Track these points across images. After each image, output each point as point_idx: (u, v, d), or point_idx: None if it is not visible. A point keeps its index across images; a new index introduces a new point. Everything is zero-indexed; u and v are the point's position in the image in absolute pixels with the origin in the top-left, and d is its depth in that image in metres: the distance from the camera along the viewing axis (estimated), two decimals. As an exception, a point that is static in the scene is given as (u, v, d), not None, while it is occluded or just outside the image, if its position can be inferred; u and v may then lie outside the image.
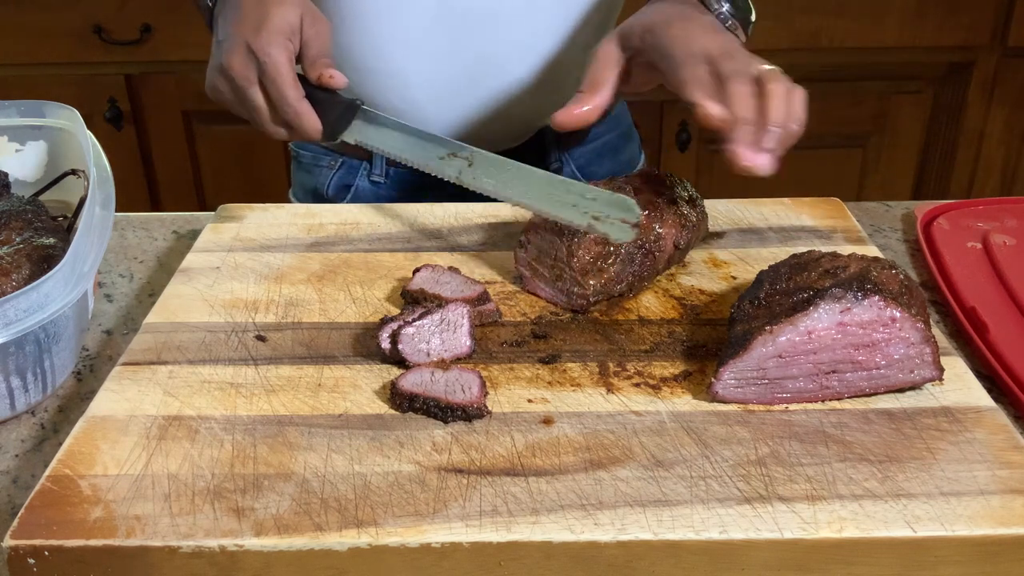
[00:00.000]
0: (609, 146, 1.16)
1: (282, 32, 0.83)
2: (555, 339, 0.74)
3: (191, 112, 2.07)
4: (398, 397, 0.65)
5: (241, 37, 0.83)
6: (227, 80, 0.85)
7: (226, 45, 0.84)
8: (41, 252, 0.75)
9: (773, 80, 0.72)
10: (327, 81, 0.84)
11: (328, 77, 0.84)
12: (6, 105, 0.88)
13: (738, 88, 0.71)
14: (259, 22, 0.83)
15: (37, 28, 1.97)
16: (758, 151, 0.70)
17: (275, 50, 0.82)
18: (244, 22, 0.83)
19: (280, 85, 0.82)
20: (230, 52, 0.83)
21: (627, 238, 0.74)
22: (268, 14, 0.83)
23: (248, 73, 0.83)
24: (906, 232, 0.96)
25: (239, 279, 0.81)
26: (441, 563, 0.56)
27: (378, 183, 1.10)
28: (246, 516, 0.56)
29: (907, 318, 0.64)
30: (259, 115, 0.86)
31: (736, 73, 0.72)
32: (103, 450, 0.62)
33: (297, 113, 0.84)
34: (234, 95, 0.86)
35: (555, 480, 0.59)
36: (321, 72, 0.84)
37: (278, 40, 0.82)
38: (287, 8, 0.84)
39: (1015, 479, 0.59)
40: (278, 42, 0.82)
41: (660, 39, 0.78)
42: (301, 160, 1.16)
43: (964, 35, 2.02)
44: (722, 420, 0.64)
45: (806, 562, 0.56)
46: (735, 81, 0.72)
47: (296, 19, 0.84)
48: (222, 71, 0.85)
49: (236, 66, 0.83)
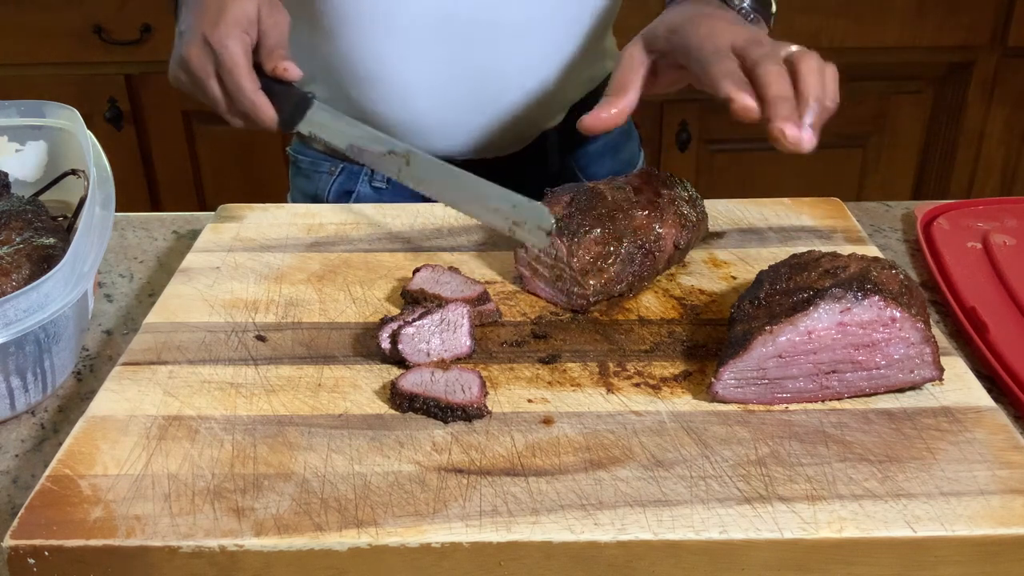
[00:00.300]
0: (610, 145, 1.16)
1: (239, 24, 0.84)
2: (555, 339, 0.74)
3: (191, 112, 2.07)
4: (398, 397, 0.65)
5: (199, 29, 0.84)
6: (186, 72, 0.86)
7: (186, 37, 0.85)
8: (41, 252, 0.75)
9: (805, 57, 0.72)
10: (281, 74, 0.84)
11: (283, 70, 0.84)
12: (6, 105, 0.88)
13: (769, 70, 0.71)
14: (217, 14, 0.84)
15: (37, 28, 1.97)
16: (800, 126, 0.70)
17: (231, 42, 0.83)
18: (204, 14, 0.84)
19: (236, 77, 0.83)
20: (189, 44, 0.84)
21: (542, 244, 0.76)
22: (226, 6, 0.84)
23: (206, 65, 0.84)
24: (906, 232, 0.96)
25: (239, 279, 0.81)
26: (441, 563, 0.56)
27: (380, 189, 1.10)
28: (246, 516, 0.56)
29: (907, 318, 0.64)
30: (218, 106, 0.87)
31: (765, 57, 0.72)
32: (103, 450, 0.62)
33: (253, 104, 0.84)
34: (194, 86, 0.87)
35: (555, 480, 0.59)
36: (276, 64, 0.84)
37: (234, 32, 0.83)
38: (245, 1, 0.85)
39: (1015, 479, 0.59)
40: (234, 34, 0.83)
41: (686, 38, 0.78)
42: (300, 165, 1.15)
43: (964, 35, 2.01)
44: (722, 420, 0.64)
45: (806, 562, 0.56)
46: (765, 65, 0.71)
47: (254, 11, 0.85)
48: (181, 63, 0.86)
49: (194, 59, 0.84)
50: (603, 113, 0.80)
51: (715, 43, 0.75)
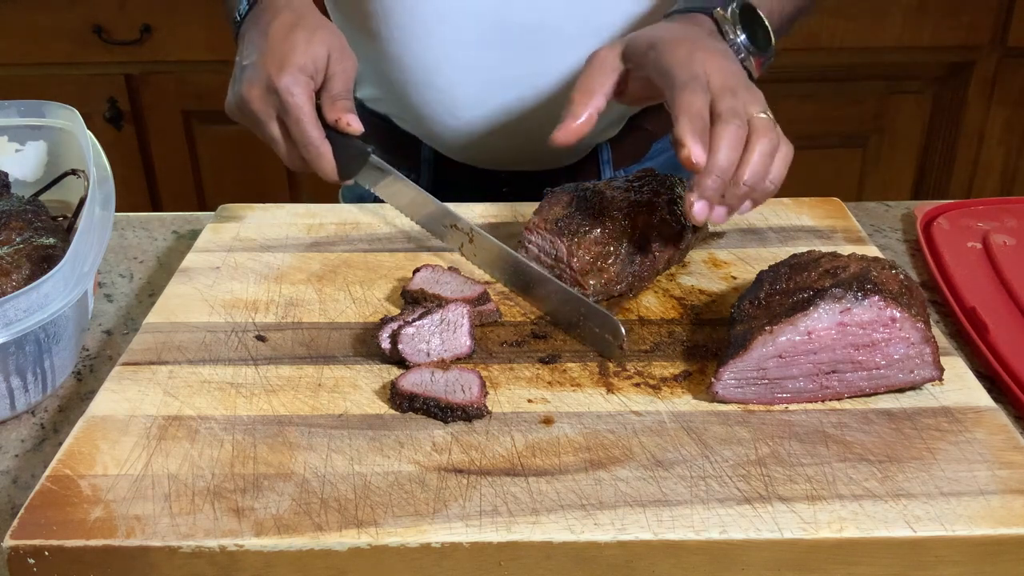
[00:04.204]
0: (669, 164, 1.11)
1: (305, 71, 0.82)
2: (555, 339, 0.74)
3: (191, 112, 2.07)
4: (398, 397, 0.65)
5: (264, 70, 0.82)
6: (244, 112, 0.85)
7: (248, 74, 0.83)
8: (41, 252, 0.75)
9: (763, 133, 0.69)
10: (344, 127, 0.83)
11: (346, 124, 0.83)
12: (6, 105, 0.88)
13: (727, 130, 0.68)
14: (283, 57, 0.82)
15: (37, 28, 1.97)
16: (717, 204, 0.69)
17: (298, 90, 0.81)
18: (269, 53, 0.82)
19: (303, 126, 0.82)
20: (251, 84, 0.83)
21: (609, 355, 0.71)
22: (293, 49, 0.82)
23: (268, 109, 0.83)
24: (906, 232, 0.96)
25: (239, 279, 0.81)
26: (441, 563, 0.56)
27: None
28: (246, 516, 0.56)
29: (907, 318, 0.64)
30: (276, 147, 0.86)
31: (731, 113, 0.69)
32: (103, 450, 0.62)
33: (319, 154, 0.83)
34: (252, 126, 0.86)
35: (555, 480, 0.59)
36: (340, 116, 0.83)
37: (301, 79, 0.81)
38: (315, 45, 0.83)
39: (1015, 479, 0.59)
40: (301, 81, 0.81)
41: (663, 57, 0.74)
42: None
43: (964, 35, 2.02)
44: (722, 420, 0.64)
45: (806, 562, 0.56)
46: (727, 123, 0.69)
47: (323, 56, 0.83)
48: (241, 103, 0.84)
49: (255, 101, 0.83)
50: (572, 124, 0.76)
51: (691, 70, 0.72)
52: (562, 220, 0.78)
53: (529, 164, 1.06)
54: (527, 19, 0.94)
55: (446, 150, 1.07)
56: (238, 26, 0.90)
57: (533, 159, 1.06)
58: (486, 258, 0.82)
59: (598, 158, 1.08)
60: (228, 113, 0.88)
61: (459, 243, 0.84)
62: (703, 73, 0.71)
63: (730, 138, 0.68)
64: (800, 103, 2.04)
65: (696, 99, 0.70)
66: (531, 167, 1.06)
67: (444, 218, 0.84)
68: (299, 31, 0.84)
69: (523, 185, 1.06)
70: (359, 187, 1.11)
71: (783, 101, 2.00)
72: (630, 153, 1.09)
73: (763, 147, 0.69)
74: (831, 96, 2.06)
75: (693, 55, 0.73)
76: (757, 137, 0.69)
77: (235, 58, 0.88)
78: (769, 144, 0.70)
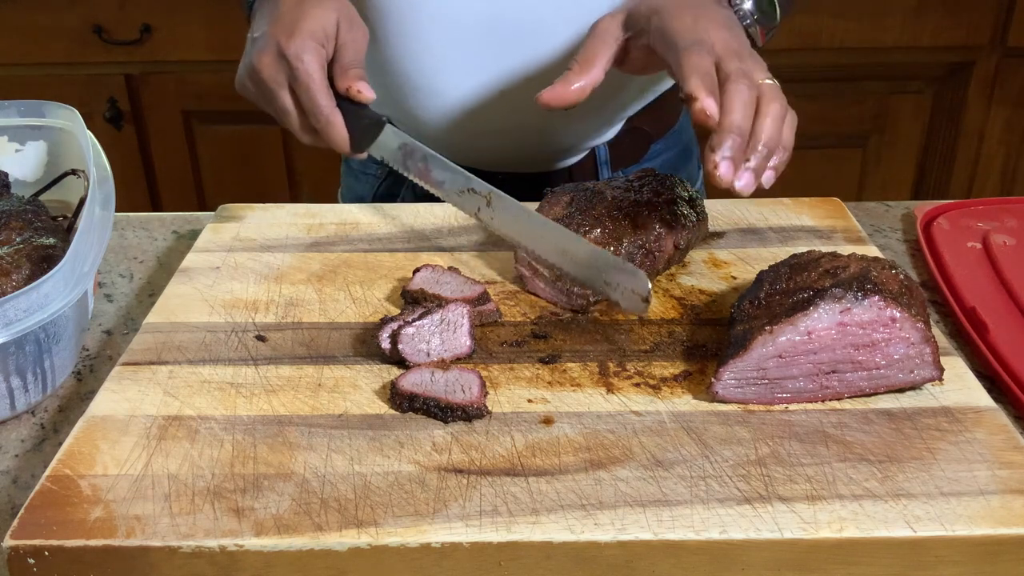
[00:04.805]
0: (668, 165, 1.11)
1: (315, 37, 0.80)
2: (555, 339, 0.74)
3: (191, 112, 2.07)
4: (398, 397, 0.65)
5: (274, 38, 0.80)
6: (255, 82, 0.83)
7: (259, 44, 0.82)
8: (41, 252, 0.75)
9: (773, 97, 0.69)
10: (355, 95, 0.82)
11: (356, 91, 0.81)
12: (6, 105, 0.88)
13: (738, 90, 0.68)
14: (293, 24, 0.80)
15: (37, 28, 1.97)
16: (741, 168, 0.67)
17: (308, 56, 0.80)
18: (279, 22, 0.81)
19: (313, 93, 0.80)
20: (261, 52, 0.81)
21: (637, 310, 0.70)
22: (304, 16, 0.81)
23: (278, 76, 0.81)
24: (906, 232, 0.96)
25: (239, 279, 0.81)
26: (441, 563, 0.56)
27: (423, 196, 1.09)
28: (246, 516, 0.57)
29: (907, 318, 0.64)
30: (287, 118, 0.84)
31: (740, 74, 0.68)
32: (103, 450, 0.62)
33: (329, 123, 0.82)
34: (262, 97, 0.84)
35: (555, 480, 0.59)
36: (351, 84, 0.81)
37: (311, 46, 0.80)
38: (324, 11, 0.82)
39: (1015, 479, 0.59)
40: (310, 47, 0.80)
41: (667, 24, 0.73)
42: (351, 164, 1.14)
43: (964, 35, 2.02)
44: (722, 420, 0.64)
45: (806, 562, 0.56)
46: (736, 82, 0.68)
47: (332, 23, 0.82)
48: (251, 72, 0.83)
49: (266, 68, 0.81)
50: (563, 88, 0.76)
51: (696, 35, 0.71)
52: (562, 220, 0.78)
53: (526, 166, 1.06)
54: (520, 21, 0.94)
55: (442, 151, 1.06)
56: (250, 5, 0.90)
57: (530, 161, 1.05)
58: (506, 220, 0.79)
59: (596, 159, 1.08)
60: (239, 88, 0.86)
61: (476, 207, 0.80)
62: (707, 39, 0.71)
63: (742, 97, 0.67)
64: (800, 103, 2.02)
65: (703, 61, 0.69)
66: (528, 168, 1.06)
67: (462, 182, 0.81)
68: (309, 1, 0.83)
69: (521, 186, 1.06)
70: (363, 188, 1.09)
71: (783, 101, 2.00)
72: (628, 154, 1.09)
73: (774, 111, 0.68)
74: (831, 96, 2.06)
75: (696, 22, 0.72)
76: (767, 101, 0.69)
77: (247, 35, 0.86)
78: (780, 107, 0.69)
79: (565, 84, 0.76)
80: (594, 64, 0.77)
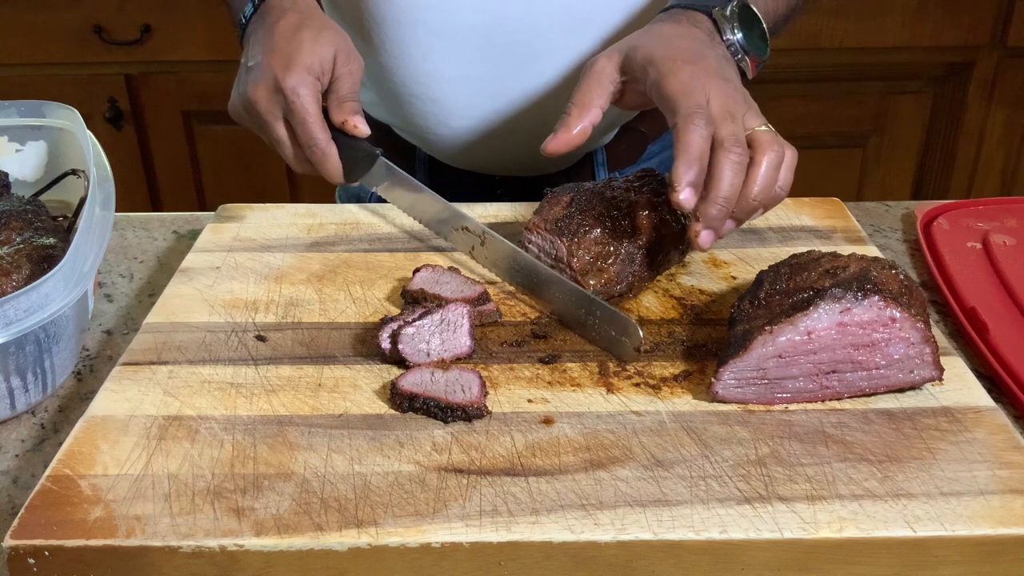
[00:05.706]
0: (665, 166, 1.08)
1: (311, 71, 0.81)
2: (555, 339, 0.74)
3: (191, 112, 2.07)
4: (398, 397, 0.65)
5: (270, 69, 0.81)
6: (250, 113, 0.84)
7: (253, 75, 0.82)
8: (41, 252, 0.75)
9: (768, 147, 0.71)
10: (351, 129, 0.83)
11: (352, 126, 0.83)
12: (6, 105, 0.88)
13: (728, 159, 0.69)
14: (289, 57, 0.81)
15: (37, 28, 1.97)
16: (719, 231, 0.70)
17: (304, 90, 0.80)
18: (275, 52, 0.82)
19: (309, 127, 0.81)
20: (256, 84, 0.82)
21: (628, 359, 0.70)
22: (300, 48, 0.81)
23: (274, 109, 0.82)
24: (906, 232, 0.96)
25: (239, 279, 0.81)
26: (441, 563, 0.56)
27: None
28: (246, 516, 0.57)
29: (907, 318, 0.64)
30: (282, 148, 0.85)
31: (732, 141, 0.69)
32: (103, 450, 0.62)
33: (325, 156, 0.83)
34: (256, 126, 0.85)
35: (555, 480, 0.59)
36: (347, 119, 0.83)
37: (307, 80, 0.81)
38: (321, 44, 0.82)
39: (1015, 479, 0.59)
40: (308, 82, 0.81)
41: (664, 81, 0.73)
42: None
43: (964, 35, 2.02)
44: (722, 420, 0.64)
45: (806, 562, 0.56)
46: (728, 151, 0.69)
47: (329, 57, 0.83)
48: (246, 103, 0.83)
49: (262, 101, 0.82)
50: (565, 135, 0.76)
51: (692, 100, 0.71)
52: (562, 220, 0.78)
53: (524, 169, 1.06)
54: (516, 31, 0.94)
55: (440, 156, 1.07)
56: (243, 28, 0.90)
57: (527, 165, 1.05)
58: (498, 261, 0.81)
59: (593, 161, 1.08)
60: (232, 115, 0.88)
61: (470, 246, 0.83)
62: (703, 101, 0.71)
63: (730, 167, 0.69)
64: (800, 103, 2.04)
65: (697, 136, 0.70)
66: (526, 172, 1.06)
67: (454, 220, 0.83)
68: (305, 31, 0.83)
69: (519, 188, 1.06)
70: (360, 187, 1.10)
71: (783, 101, 2.00)
72: (625, 156, 1.09)
73: (770, 160, 0.71)
74: (831, 96, 2.06)
75: (693, 79, 0.72)
76: (763, 151, 0.71)
77: (240, 60, 0.87)
78: (776, 156, 0.71)
79: (566, 130, 0.76)
80: (592, 106, 0.77)
